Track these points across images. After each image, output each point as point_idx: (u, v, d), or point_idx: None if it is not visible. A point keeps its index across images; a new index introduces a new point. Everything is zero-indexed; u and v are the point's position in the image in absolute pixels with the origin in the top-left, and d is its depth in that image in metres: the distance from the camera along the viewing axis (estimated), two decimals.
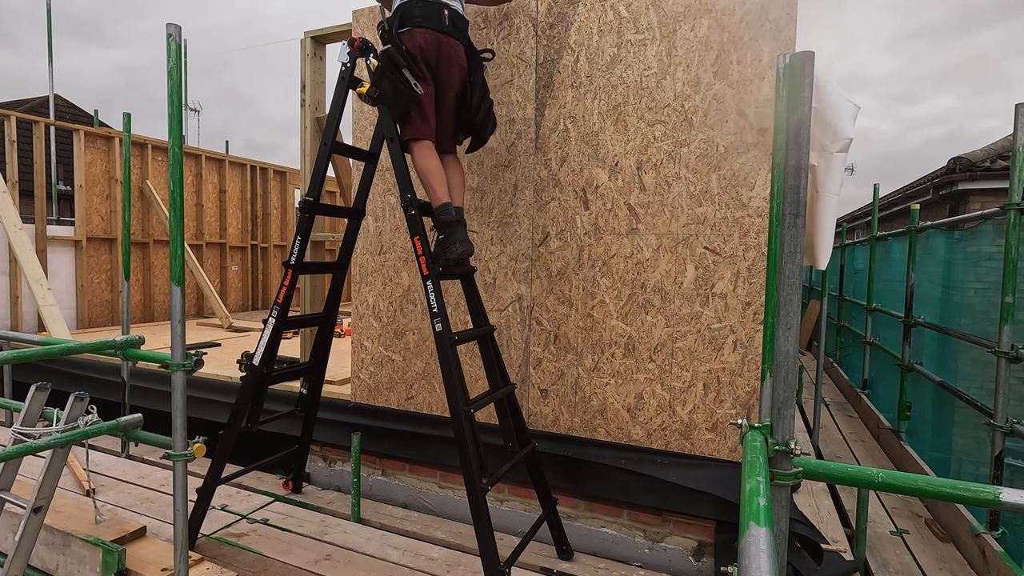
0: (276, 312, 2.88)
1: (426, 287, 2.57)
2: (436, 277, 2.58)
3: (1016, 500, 1.14)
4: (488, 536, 2.38)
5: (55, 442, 2.25)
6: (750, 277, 2.77)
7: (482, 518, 2.39)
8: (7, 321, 6.80)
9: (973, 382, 3.89)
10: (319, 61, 4.18)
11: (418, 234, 2.60)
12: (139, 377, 4.55)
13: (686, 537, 2.99)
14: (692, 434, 2.92)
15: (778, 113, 1.38)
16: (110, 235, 7.92)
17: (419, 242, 2.59)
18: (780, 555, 1.40)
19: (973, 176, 6.81)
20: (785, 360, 1.38)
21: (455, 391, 2.49)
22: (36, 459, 3.45)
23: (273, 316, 2.89)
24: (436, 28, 2.66)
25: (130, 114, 4.45)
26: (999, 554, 2.87)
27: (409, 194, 2.63)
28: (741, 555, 0.95)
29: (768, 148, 2.68)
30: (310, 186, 2.99)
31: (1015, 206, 3.00)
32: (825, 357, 6.13)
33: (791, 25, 2.65)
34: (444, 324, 2.53)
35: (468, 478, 2.42)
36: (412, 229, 2.63)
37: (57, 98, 10.59)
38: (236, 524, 3.26)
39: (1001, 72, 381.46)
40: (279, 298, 2.89)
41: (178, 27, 2.16)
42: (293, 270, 2.91)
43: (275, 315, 2.89)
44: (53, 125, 8.02)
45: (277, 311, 2.88)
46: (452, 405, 2.49)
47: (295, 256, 2.90)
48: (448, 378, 2.50)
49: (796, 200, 1.36)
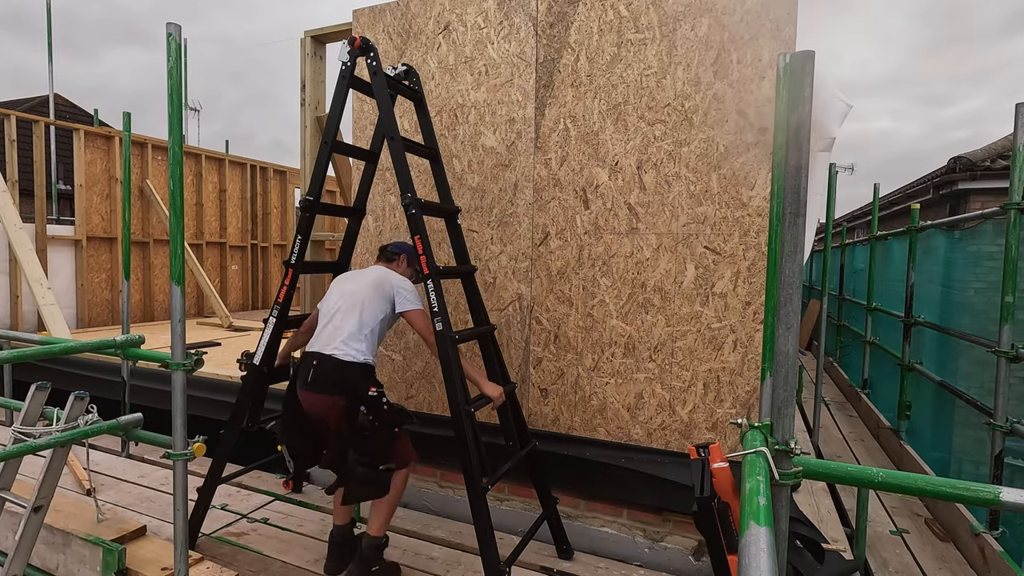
0: (277, 311, 2.87)
1: (427, 286, 2.56)
2: (437, 276, 2.57)
3: (1016, 500, 1.14)
4: (488, 535, 2.39)
5: (55, 441, 2.25)
6: (750, 276, 2.77)
7: (482, 517, 2.39)
8: (7, 320, 6.80)
9: (973, 382, 3.88)
10: (319, 60, 4.18)
11: (419, 233, 2.59)
12: (139, 376, 4.55)
13: (686, 536, 2.99)
14: (692, 433, 2.92)
15: (778, 112, 1.38)
16: (110, 234, 7.92)
17: (420, 241, 2.58)
18: (780, 554, 1.41)
19: (973, 175, 6.80)
20: (785, 360, 1.38)
21: (456, 390, 2.48)
22: (36, 458, 3.45)
23: (274, 315, 2.87)
24: None
25: (130, 114, 4.45)
26: (999, 554, 2.87)
27: (410, 193, 2.61)
28: (741, 554, 0.95)
29: (768, 147, 2.68)
30: (311, 185, 2.97)
31: (1015, 206, 3.00)
32: (825, 357, 6.12)
33: (791, 24, 2.65)
34: (445, 323, 2.52)
35: (469, 477, 2.42)
36: (413, 228, 2.61)
37: (57, 97, 10.59)
38: (236, 523, 3.26)
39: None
40: (280, 297, 2.88)
41: (178, 26, 2.16)
42: (294, 269, 2.90)
43: (275, 314, 2.87)
44: (53, 124, 8.02)
45: (278, 310, 2.87)
46: (453, 404, 2.49)
47: (295, 255, 2.89)
48: (449, 377, 2.50)
49: (796, 199, 1.36)
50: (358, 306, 2.62)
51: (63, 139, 9.47)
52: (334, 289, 2.79)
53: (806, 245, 2.42)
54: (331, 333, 2.60)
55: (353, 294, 2.67)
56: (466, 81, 3.37)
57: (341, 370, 2.52)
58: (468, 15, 3.32)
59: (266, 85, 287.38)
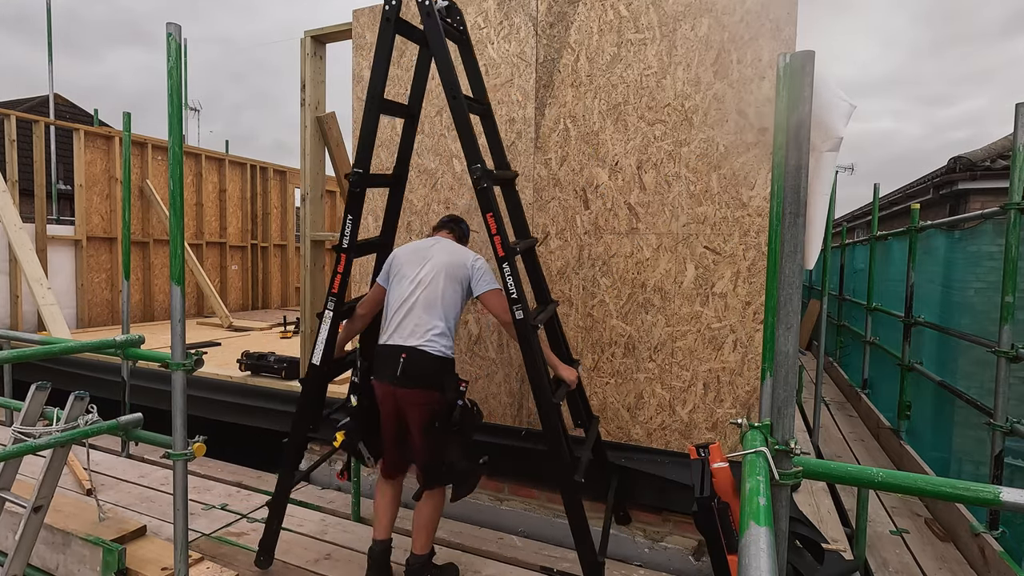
0: (332, 304, 2.58)
1: (502, 270, 2.33)
2: (514, 259, 2.36)
3: (1016, 499, 1.14)
4: (583, 528, 2.32)
5: (55, 441, 2.25)
6: (750, 276, 2.77)
7: (578, 513, 2.30)
8: (7, 320, 6.80)
9: (973, 382, 3.88)
10: (319, 60, 4.17)
11: (491, 210, 2.31)
12: (139, 376, 4.55)
13: (686, 536, 2.99)
14: (692, 433, 2.92)
15: (778, 112, 1.38)
16: (110, 234, 7.92)
17: (492, 219, 2.31)
18: (780, 554, 1.40)
19: (973, 175, 6.80)
20: (785, 360, 1.38)
21: (544, 384, 2.32)
22: (36, 458, 3.45)
23: (329, 308, 2.59)
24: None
25: (130, 114, 4.45)
26: (999, 554, 2.87)
27: (479, 164, 2.32)
28: (741, 554, 0.95)
29: (768, 147, 2.68)
30: (358, 155, 2.56)
31: (1015, 206, 3.00)
32: (825, 357, 6.12)
33: (791, 24, 2.65)
34: (525, 311, 2.32)
35: (564, 476, 2.33)
36: (484, 205, 2.34)
37: (57, 97, 10.58)
38: (236, 523, 3.26)
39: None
40: (334, 287, 2.59)
41: (178, 27, 2.16)
42: (347, 255, 2.57)
43: (331, 306, 2.58)
44: (53, 124, 8.02)
45: (333, 302, 2.58)
46: (541, 398, 2.33)
47: (347, 239, 2.56)
48: (534, 368, 2.34)
49: (796, 199, 1.36)
50: (439, 297, 2.46)
51: (63, 139, 9.47)
52: (404, 272, 2.54)
53: (814, 248, 2.42)
54: (414, 325, 2.43)
55: (431, 283, 2.47)
56: (466, 81, 3.36)
57: (435, 365, 2.41)
58: (468, 15, 3.32)
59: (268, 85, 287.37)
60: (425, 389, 2.39)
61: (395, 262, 2.62)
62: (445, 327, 2.46)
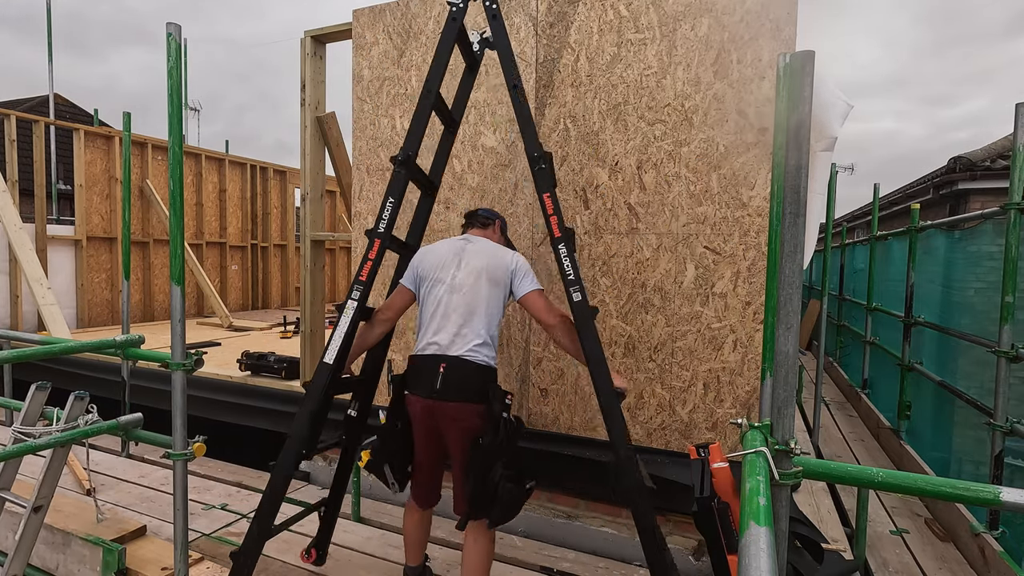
0: (357, 292, 2.28)
1: (558, 251, 2.23)
2: (572, 238, 2.28)
3: (1016, 499, 1.14)
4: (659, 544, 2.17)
5: (55, 441, 2.25)
6: (750, 276, 2.77)
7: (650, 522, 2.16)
8: (7, 320, 6.80)
9: (973, 382, 3.89)
10: (319, 60, 4.17)
11: (548, 191, 2.27)
12: (139, 376, 4.55)
13: (686, 536, 2.99)
14: (692, 433, 2.92)
15: (778, 112, 1.38)
16: (110, 234, 7.92)
17: (549, 200, 2.26)
18: (780, 554, 1.40)
19: (973, 175, 6.80)
20: (785, 360, 1.38)
21: (607, 380, 2.15)
22: (36, 458, 3.45)
23: (353, 298, 2.28)
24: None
25: (130, 114, 4.45)
26: (999, 554, 2.87)
27: (537, 153, 2.31)
28: (741, 554, 0.95)
29: (768, 147, 2.68)
30: (408, 140, 2.45)
31: (1015, 206, 3.00)
32: (825, 357, 6.12)
33: (791, 24, 2.65)
34: (583, 292, 2.18)
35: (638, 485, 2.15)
36: (541, 185, 2.29)
37: (57, 97, 10.58)
38: (236, 523, 3.26)
39: None
40: (362, 275, 2.29)
41: (178, 26, 2.16)
42: (381, 240, 2.34)
43: (355, 296, 2.28)
44: (53, 124, 8.02)
45: (359, 292, 2.28)
46: (604, 387, 2.15)
47: (385, 222, 2.33)
48: (596, 357, 2.17)
49: (796, 199, 1.36)
50: (481, 304, 2.29)
51: (63, 139, 9.47)
52: (440, 276, 2.35)
53: (808, 248, 2.40)
54: (453, 333, 2.26)
55: (471, 288, 2.30)
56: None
57: (478, 375, 2.23)
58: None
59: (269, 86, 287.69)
60: (467, 402, 2.20)
61: (424, 264, 2.42)
62: (487, 335, 2.29)
